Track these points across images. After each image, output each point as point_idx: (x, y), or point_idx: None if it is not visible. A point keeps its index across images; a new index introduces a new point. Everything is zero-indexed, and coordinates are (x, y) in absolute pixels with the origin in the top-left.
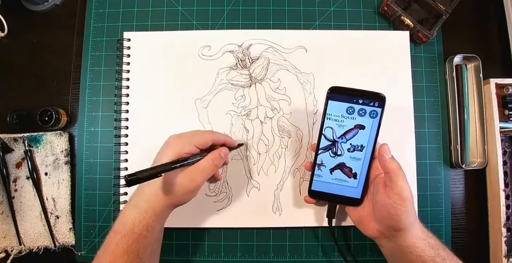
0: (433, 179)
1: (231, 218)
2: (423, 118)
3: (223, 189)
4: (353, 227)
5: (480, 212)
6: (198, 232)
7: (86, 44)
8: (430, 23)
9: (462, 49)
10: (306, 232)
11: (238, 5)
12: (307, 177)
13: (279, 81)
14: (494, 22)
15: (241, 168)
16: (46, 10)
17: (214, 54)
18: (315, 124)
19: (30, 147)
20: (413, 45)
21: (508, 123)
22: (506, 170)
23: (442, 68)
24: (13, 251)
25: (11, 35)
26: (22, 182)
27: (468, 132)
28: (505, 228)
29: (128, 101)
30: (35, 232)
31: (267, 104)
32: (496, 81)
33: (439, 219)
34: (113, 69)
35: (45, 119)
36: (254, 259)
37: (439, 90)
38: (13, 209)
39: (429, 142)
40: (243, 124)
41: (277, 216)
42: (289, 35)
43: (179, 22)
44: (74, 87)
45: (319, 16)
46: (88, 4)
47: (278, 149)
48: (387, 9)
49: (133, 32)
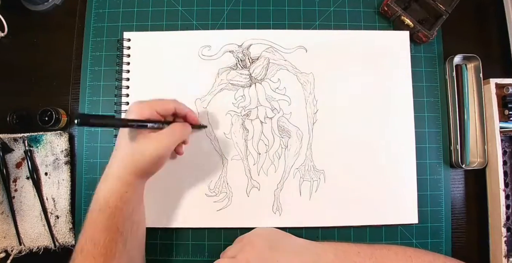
0: (433, 179)
1: (231, 218)
2: (423, 118)
3: (223, 189)
4: (353, 227)
5: (480, 212)
6: (198, 232)
7: (86, 44)
8: (430, 23)
9: (462, 49)
10: (306, 232)
11: (238, 5)
12: (307, 177)
13: (279, 81)
14: (494, 22)
15: (241, 168)
16: (46, 10)
17: (214, 54)
18: (315, 124)
19: (30, 147)
20: (413, 45)
21: (508, 123)
22: (506, 170)
23: (442, 68)
24: (13, 251)
25: (11, 35)
26: (22, 182)
27: (468, 132)
28: (505, 228)
29: (128, 101)
30: (35, 232)
31: (267, 104)
32: (496, 81)
33: (439, 219)
34: (113, 69)
35: (45, 119)
36: None
37: (439, 90)
38: (13, 209)
39: (429, 142)
40: (243, 124)
41: (277, 216)
42: (289, 35)
43: (179, 22)
44: (74, 87)
45: (319, 16)
46: (88, 4)
47: (278, 149)
48: (387, 9)
49: (133, 32)
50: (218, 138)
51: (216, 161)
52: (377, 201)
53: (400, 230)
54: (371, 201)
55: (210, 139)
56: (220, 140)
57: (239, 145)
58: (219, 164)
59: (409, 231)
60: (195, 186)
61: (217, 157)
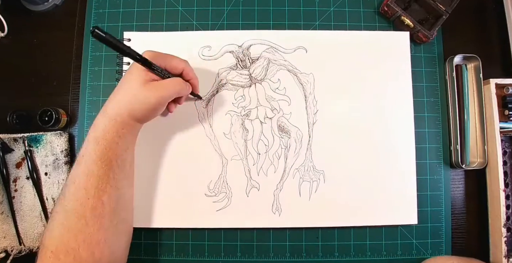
0: (433, 179)
1: (231, 218)
2: (423, 118)
3: (223, 189)
4: (353, 227)
5: (480, 212)
6: (198, 232)
7: (86, 44)
8: (430, 23)
9: (462, 49)
10: (306, 232)
11: (238, 5)
12: (306, 177)
13: (279, 81)
14: (494, 22)
15: (241, 168)
16: (46, 10)
17: (214, 54)
18: (315, 124)
19: (30, 147)
20: (413, 45)
21: (508, 123)
22: (506, 170)
23: (442, 68)
24: (13, 251)
25: (11, 35)
26: (22, 182)
27: (468, 132)
28: (505, 228)
29: None
30: (35, 232)
31: (267, 104)
32: (496, 81)
33: (439, 219)
34: (113, 69)
35: (45, 119)
36: (254, 259)
37: (439, 90)
38: (13, 209)
39: (429, 142)
40: (243, 124)
41: (277, 216)
42: (289, 35)
43: (179, 22)
44: (74, 87)
45: (319, 16)
46: (88, 4)
47: (278, 149)
48: (387, 9)
49: (134, 32)
50: (218, 138)
51: (216, 161)
52: (377, 202)
53: (400, 230)
54: (371, 201)
55: (210, 139)
56: (220, 140)
57: (239, 145)
58: (218, 164)
59: (409, 231)
60: (194, 186)
61: (217, 157)
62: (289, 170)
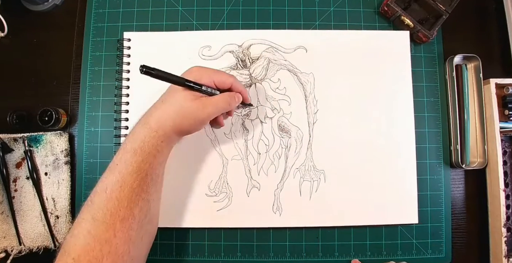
0: (433, 179)
1: (231, 218)
2: (423, 118)
3: (223, 189)
4: (353, 227)
5: (480, 212)
6: (198, 232)
7: (86, 44)
8: (430, 23)
9: (462, 49)
10: (306, 232)
11: (238, 5)
12: (307, 177)
13: (279, 81)
14: (494, 22)
15: (241, 168)
16: (46, 10)
17: (214, 54)
18: (315, 124)
19: (30, 147)
20: (413, 45)
21: (508, 123)
22: (506, 170)
23: (442, 68)
24: (13, 251)
25: (11, 35)
26: (22, 182)
27: (468, 132)
28: (505, 228)
29: (128, 101)
30: (35, 232)
31: (267, 104)
32: (496, 81)
33: (439, 219)
34: (113, 69)
35: (45, 119)
36: (254, 259)
37: (439, 90)
38: (13, 209)
39: (429, 142)
40: (243, 124)
41: (277, 216)
42: (289, 35)
43: (179, 22)
44: (74, 87)
45: (319, 16)
46: (88, 4)
47: (278, 149)
48: (387, 9)
49: (134, 32)
50: (218, 138)
51: (216, 161)
52: (377, 201)
53: (400, 230)
54: (371, 201)
55: (210, 139)
56: (220, 140)
57: (239, 145)
58: (219, 164)
59: (409, 231)
60: (195, 186)
61: (217, 157)
62: (290, 169)
